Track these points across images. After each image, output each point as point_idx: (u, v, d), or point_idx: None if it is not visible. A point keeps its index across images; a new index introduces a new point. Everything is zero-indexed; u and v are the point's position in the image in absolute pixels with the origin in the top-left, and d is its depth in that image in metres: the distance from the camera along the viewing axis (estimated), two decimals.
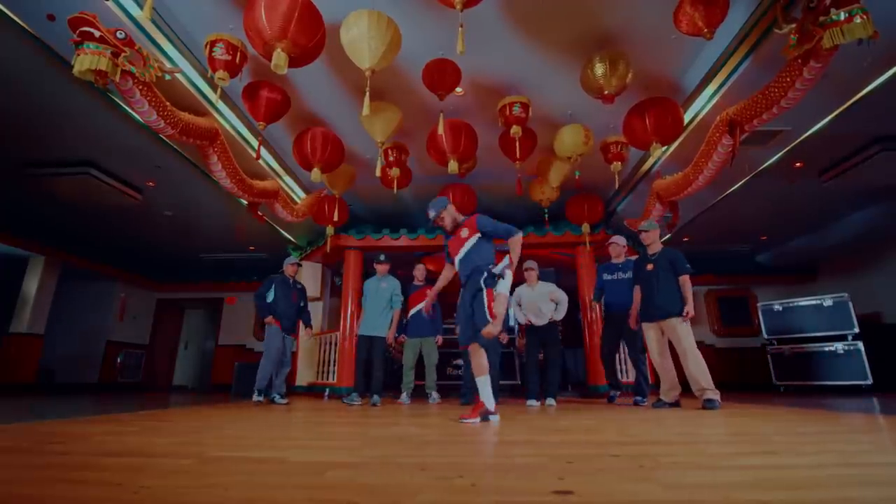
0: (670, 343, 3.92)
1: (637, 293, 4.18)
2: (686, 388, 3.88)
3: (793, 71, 2.80)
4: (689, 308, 3.75)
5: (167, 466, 1.37)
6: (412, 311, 5.10)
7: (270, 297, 4.92)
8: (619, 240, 4.64)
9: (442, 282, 3.29)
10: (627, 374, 5.77)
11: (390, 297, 4.92)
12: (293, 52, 2.90)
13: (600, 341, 4.84)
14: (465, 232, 3.03)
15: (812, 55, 2.62)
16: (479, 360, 2.84)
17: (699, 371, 3.63)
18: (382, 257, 5.10)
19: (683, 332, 3.75)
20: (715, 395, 3.57)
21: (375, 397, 4.63)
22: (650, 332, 4.01)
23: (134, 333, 9.24)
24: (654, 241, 4.10)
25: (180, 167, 4.85)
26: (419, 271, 5.26)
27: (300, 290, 5.20)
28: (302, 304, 5.16)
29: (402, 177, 4.75)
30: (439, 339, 5.12)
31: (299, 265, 5.22)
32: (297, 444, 1.91)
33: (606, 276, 4.63)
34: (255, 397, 4.63)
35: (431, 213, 3.10)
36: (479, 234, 2.98)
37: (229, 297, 9.70)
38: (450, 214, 3.10)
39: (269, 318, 4.84)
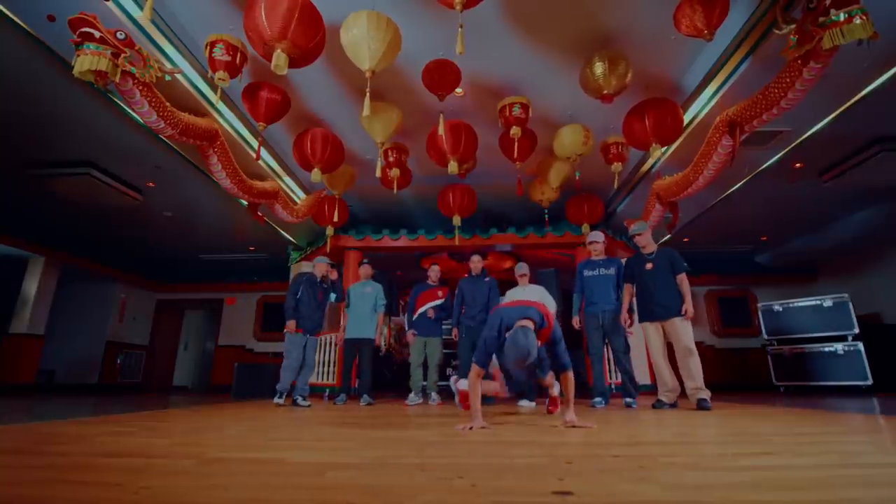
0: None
1: (628, 291, 4.15)
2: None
3: (793, 71, 2.80)
4: (688, 306, 3.77)
5: (167, 467, 1.37)
6: (420, 310, 5.13)
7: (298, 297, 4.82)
8: (597, 236, 4.44)
9: None
10: (615, 375, 5.57)
11: (374, 302, 5.08)
12: (293, 52, 2.90)
13: (586, 343, 4.46)
14: None
15: (812, 56, 2.62)
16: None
17: (697, 371, 3.66)
18: (366, 261, 5.32)
19: (685, 331, 3.76)
20: (706, 394, 3.62)
21: (365, 397, 4.75)
22: (651, 331, 3.97)
23: (134, 334, 9.23)
24: (647, 241, 4.10)
25: (180, 167, 4.85)
26: (434, 272, 5.30)
27: (326, 290, 5.00)
28: (330, 300, 5.02)
29: (402, 177, 4.75)
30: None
31: (332, 265, 5.07)
32: (297, 445, 1.91)
33: (587, 273, 4.37)
34: (277, 399, 4.55)
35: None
36: None
37: (229, 298, 9.69)
38: None
39: (290, 324, 4.65)
